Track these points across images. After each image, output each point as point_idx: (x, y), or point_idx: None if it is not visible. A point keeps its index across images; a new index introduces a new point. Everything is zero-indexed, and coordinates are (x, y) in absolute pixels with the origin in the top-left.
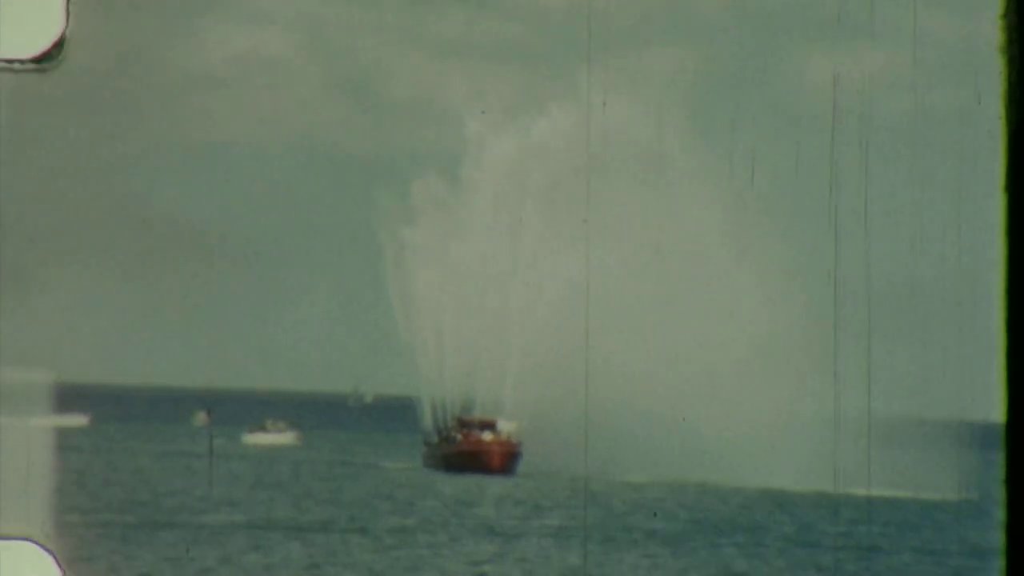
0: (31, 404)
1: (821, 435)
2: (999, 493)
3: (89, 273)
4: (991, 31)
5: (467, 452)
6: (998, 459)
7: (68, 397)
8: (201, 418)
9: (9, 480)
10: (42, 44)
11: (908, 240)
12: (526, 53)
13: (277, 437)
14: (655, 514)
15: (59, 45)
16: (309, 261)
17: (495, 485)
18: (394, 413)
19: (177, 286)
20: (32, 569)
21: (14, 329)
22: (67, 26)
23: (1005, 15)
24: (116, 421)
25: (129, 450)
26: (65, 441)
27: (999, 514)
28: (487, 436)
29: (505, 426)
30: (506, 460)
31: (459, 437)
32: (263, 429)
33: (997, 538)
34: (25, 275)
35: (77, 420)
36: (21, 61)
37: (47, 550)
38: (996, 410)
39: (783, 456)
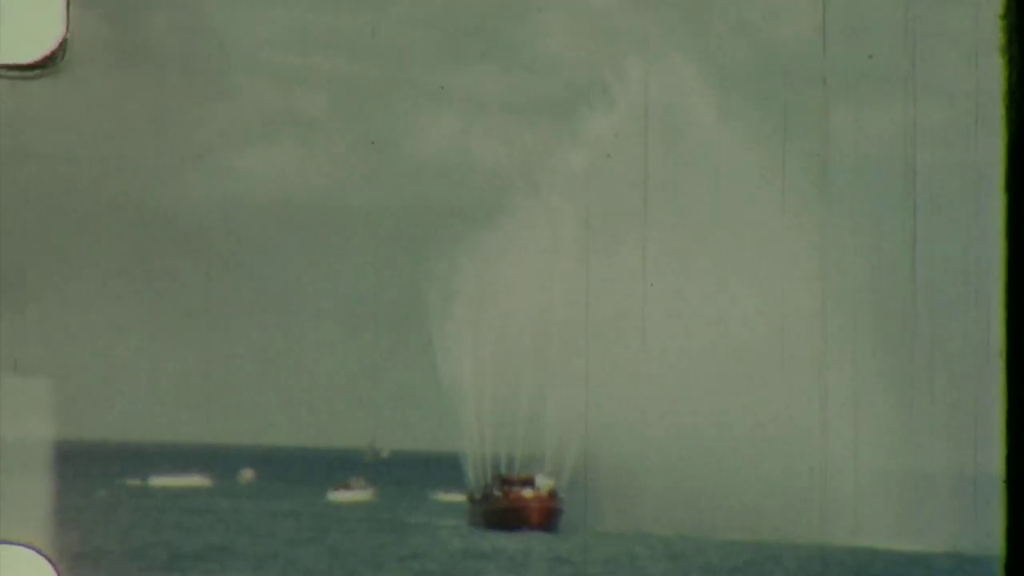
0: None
1: (899, 489)
2: None
3: (114, 341)
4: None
5: (508, 509)
6: None
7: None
8: (247, 475)
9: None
10: (43, 49)
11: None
12: (557, 107)
13: (359, 494)
14: None
15: (60, 50)
16: (333, 316)
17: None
18: (415, 469)
19: (198, 336)
20: (30, 574)
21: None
22: (68, 31)
23: (1005, 15)
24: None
25: (269, 512)
26: (198, 504)
27: None
28: (527, 493)
29: (543, 482)
30: (546, 516)
31: (499, 494)
32: (347, 487)
33: None
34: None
35: (198, 480)
36: (21, 67)
37: (44, 555)
38: None
39: (861, 510)
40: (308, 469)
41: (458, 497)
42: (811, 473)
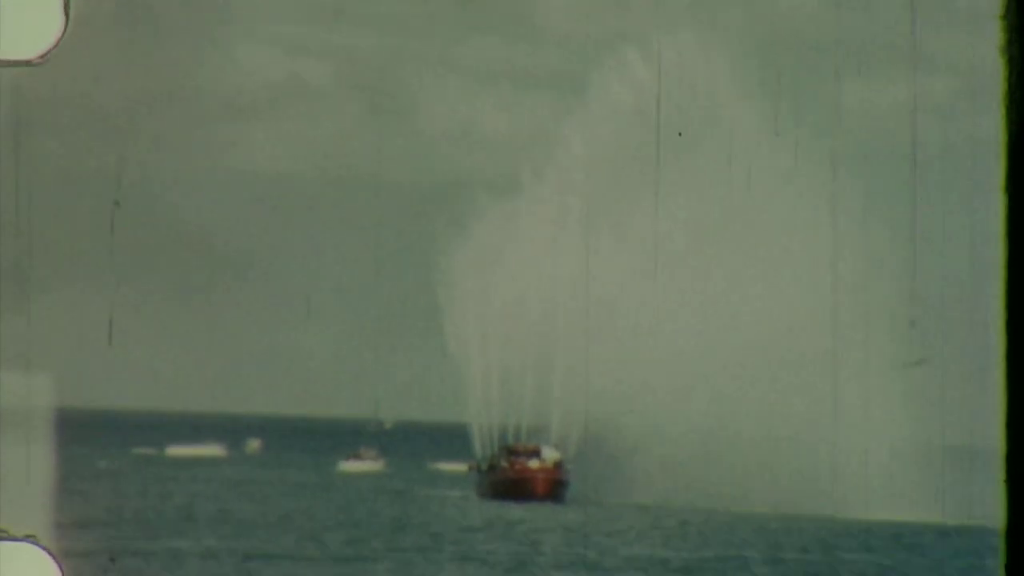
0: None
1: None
2: None
3: (113, 300)
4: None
5: (513, 480)
6: None
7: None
8: (254, 445)
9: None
10: (42, 44)
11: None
12: (560, 78)
13: (370, 464)
14: None
15: (59, 45)
16: (338, 286)
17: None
18: (421, 440)
19: (209, 305)
20: (34, 570)
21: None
22: (66, 26)
23: (1005, 15)
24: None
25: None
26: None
27: None
28: (533, 464)
29: (550, 453)
30: (552, 487)
31: (506, 465)
32: (357, 457)
33: None
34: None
35: (213, 450)
36: (21, 62)
37: (48, 551)
38: None
39: (885, 484)
40: (313, 439)
41: (461, 467)
42: (823, 449)
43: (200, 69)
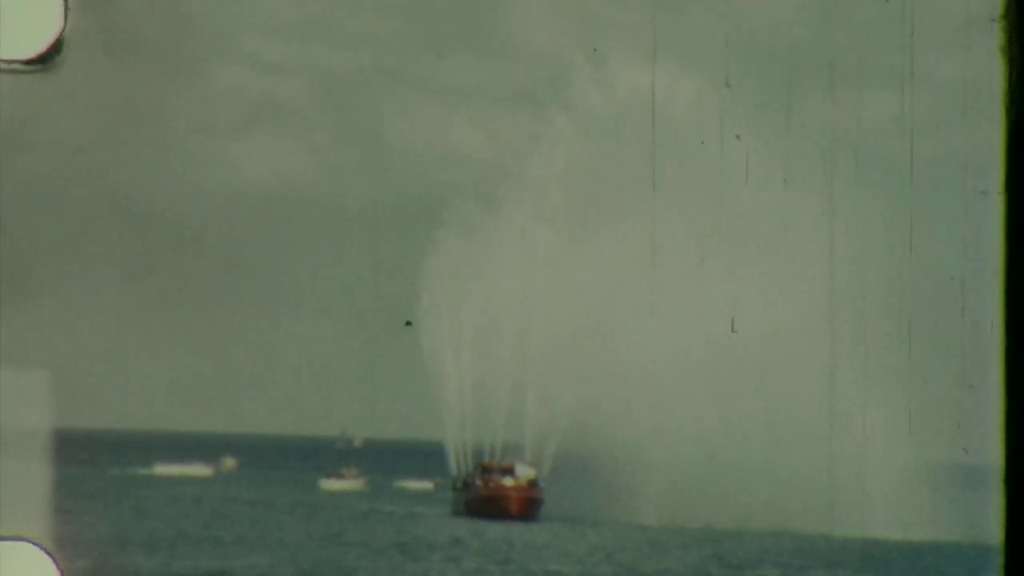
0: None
1: (894, 477)
2: None
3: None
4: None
5: (487, 498)
6: None
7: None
8: (229, 464)
9: None
10: (40, 44)
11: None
12: (533, 96)
13: (351, 483)
14: None
15: (57, 45)
16: (311, 304)
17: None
18: (392, 457)
19: (173, 327)
20: (31, 570)
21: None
22: (65, 26)
23: (1005, 15)
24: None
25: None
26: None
27: None
28: (508, 481)
29: (524, 471)
30: (526, 505)
31: (480, 483)
32: (339, 475)
33: None
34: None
35: (201, 470)
36: (19, 62)
37: (45, 551)
38: None
39: (868, 501)
40: (287, 457)
41: (427, 485)
42: (818, 464)
43: (174, 87)
